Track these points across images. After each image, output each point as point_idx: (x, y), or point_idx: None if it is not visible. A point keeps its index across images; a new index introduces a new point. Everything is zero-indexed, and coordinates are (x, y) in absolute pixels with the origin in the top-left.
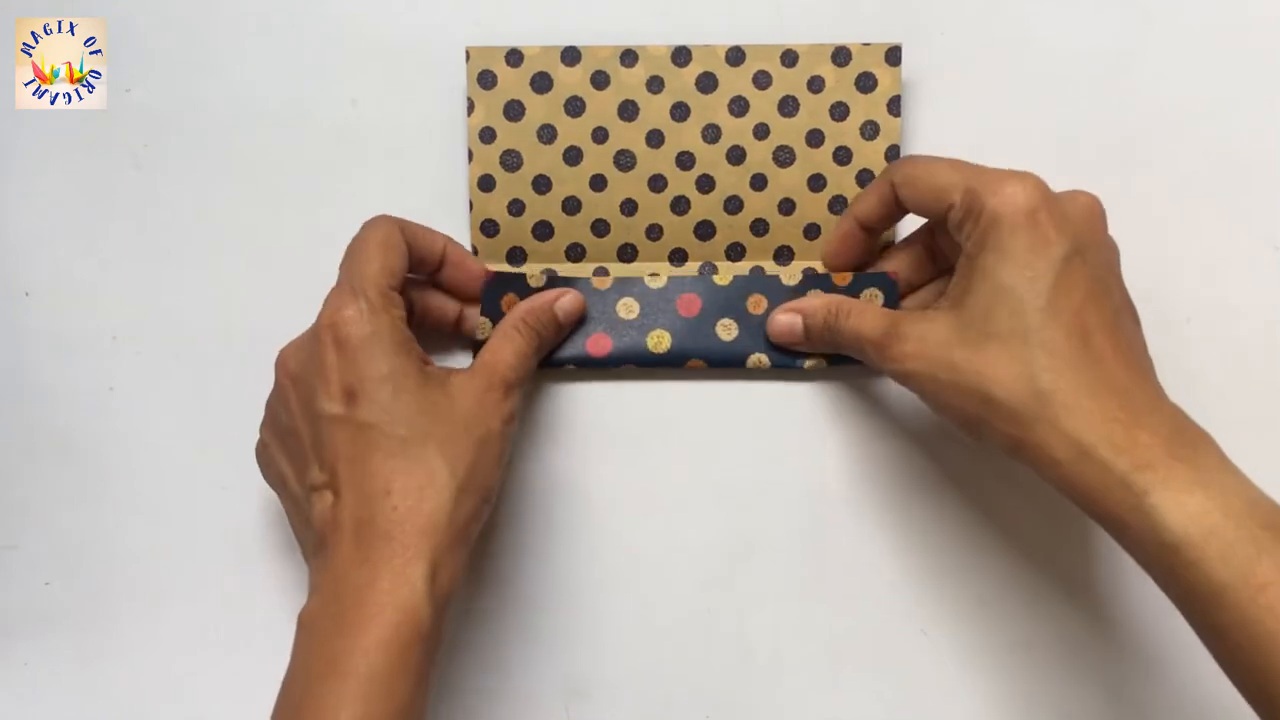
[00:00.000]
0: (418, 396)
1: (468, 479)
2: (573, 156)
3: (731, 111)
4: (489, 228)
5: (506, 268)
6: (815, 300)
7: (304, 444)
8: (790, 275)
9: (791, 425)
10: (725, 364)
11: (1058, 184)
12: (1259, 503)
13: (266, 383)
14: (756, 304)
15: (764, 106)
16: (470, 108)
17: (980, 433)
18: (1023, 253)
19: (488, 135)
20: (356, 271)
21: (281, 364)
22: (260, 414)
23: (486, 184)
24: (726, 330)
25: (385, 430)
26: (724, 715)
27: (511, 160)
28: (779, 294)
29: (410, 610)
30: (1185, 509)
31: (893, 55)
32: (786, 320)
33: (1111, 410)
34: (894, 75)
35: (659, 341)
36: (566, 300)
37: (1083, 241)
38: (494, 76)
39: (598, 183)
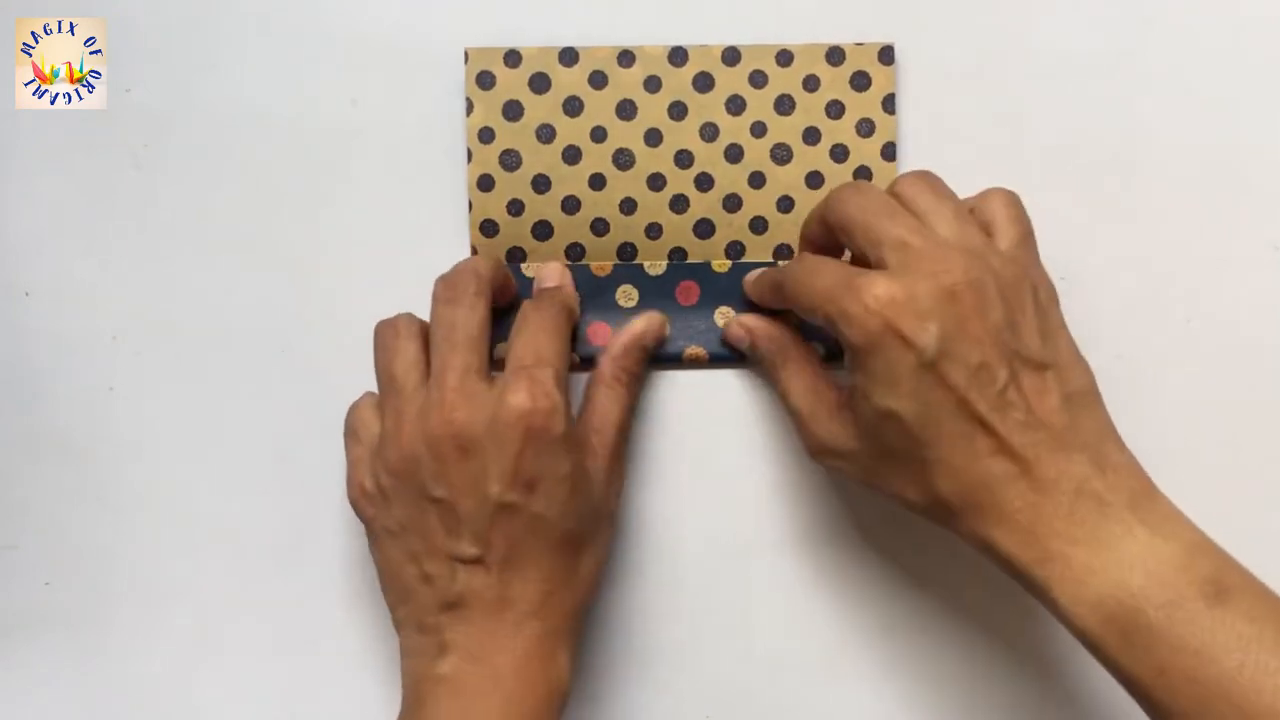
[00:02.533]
0: (582, 494)
1: (597, 569)
2: (572, 156)
3: (729, 110)
4: (489, 228)
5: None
6: (764, 329)
7: (459, 518)
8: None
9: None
10: (724, 354)
11: (1057, 183)
12: (1158, 573)
13: (267, 382)
14: None
15: (761, 105)
16: (469, 108)
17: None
18: (886, 374)
19: (487, 135)
20: (549, 356)
21: (446, 432)
22: (262, 413)
23: (486, 184)
24: (724, 318)
25: (554, 523)
26: (724, 715)
27: (510, 160)
28: None
29: (559, 687)
30: (1084, 601)
31: (886, 55)
32: (737, 334)
33: (1009, 502)
34: (888, 74)
35: None
36: (653, 331)
37: (947, 336)
38: (493, 77)
39: (597, 182)
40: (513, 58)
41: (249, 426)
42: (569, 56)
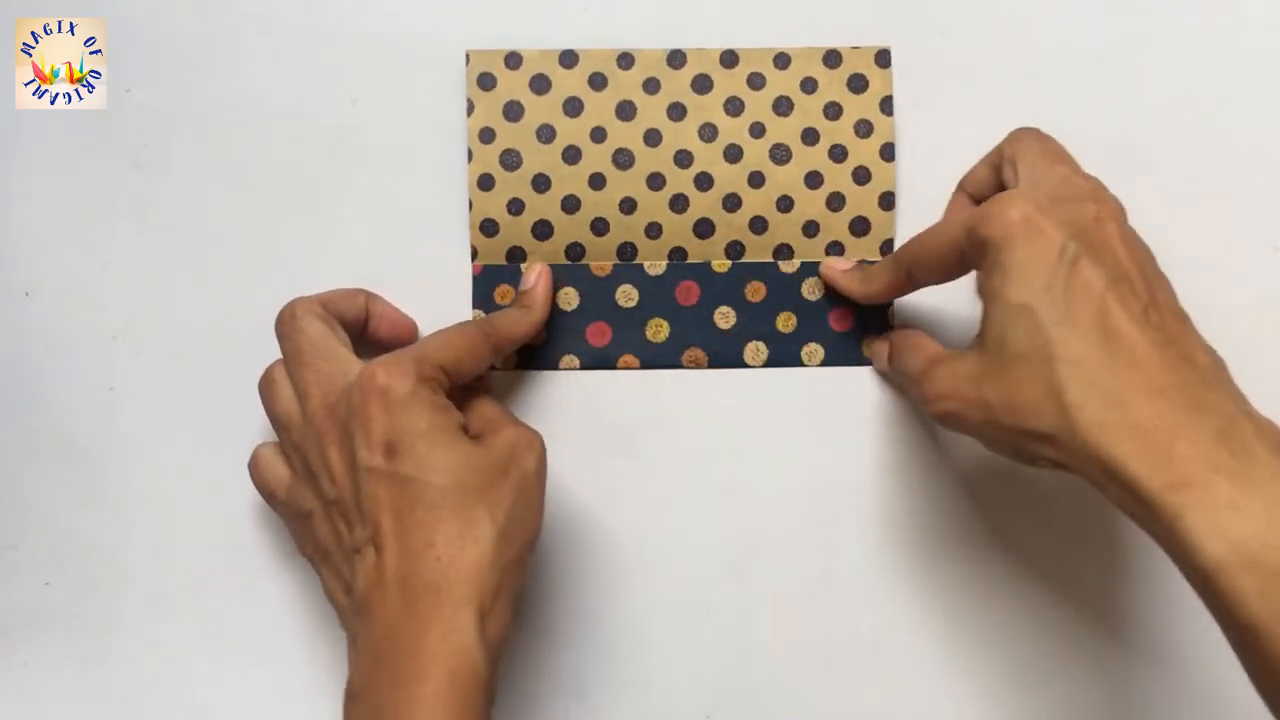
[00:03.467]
0: (453, 449)
1: (508, 525)
2: (572, 156)
3: (727, 111)
4: (489, 227)
5: (506, 266)
6: (881, 342)
7: (347, 506)
8: (789, 265)
9: (792, 423)
10: (724, 354)
11: None
12: None
13: None
14: (755, 291)
15: (759, 106)
16: (470, 108)
17: (1029, 461)
18: (1025, 266)
19: (487, 135)
20: (426, 350)
21: (322, 428)
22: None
23: (486, 183)
24: (724, 319)
25: (424, 483)
26: (724, 715)
27: (511, 160)
28: (777, 281)
29: (466, 657)
30: (1221, 535)
31: (882, 58)
32: (880, 350)
33: (1145, 418)
34: (885, 76)
35: (658, 330)
36: (541, 290)
37: (1089, 241)
38: (493, 78)
39: (597, 181)
40: (513, 60)
41: (249, 426)
42: (569, 59)
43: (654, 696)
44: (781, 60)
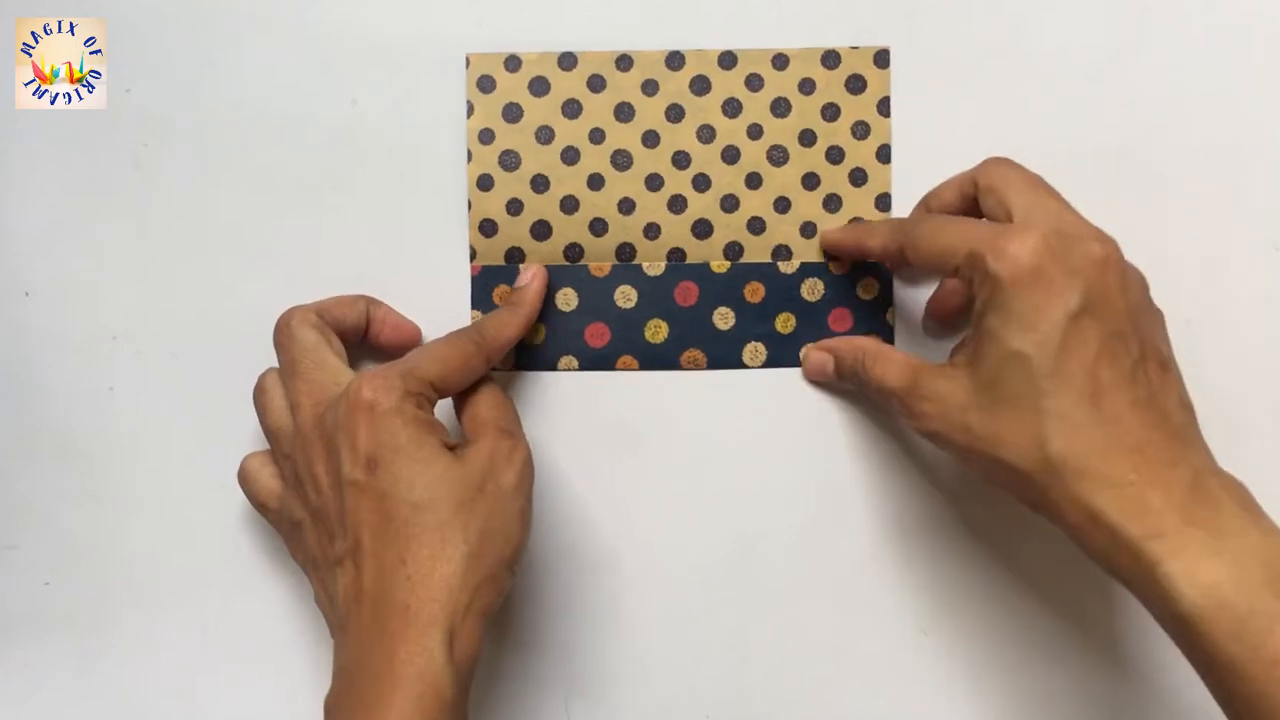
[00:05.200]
0: (431, 465)
1: (480, 542)
2: (570, 156)
3: (725, 113)
4: (488, 227)
5: (504, 267)
6: (845, 343)
7: (329, 516)
8: (788, 265)
9: (792, 423)
10: (722, 355)
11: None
12: (1277, 568)
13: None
14: (754, 292)
15: (756, 108)
16: (470, 110)
17: (1000, 486)
18: (1028, 315)
19: (486, 136)
20: (413, 364)
21: (310, 438)
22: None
23: (485, 183)
24: (723, 319)
25: (400, 498)
26: (724, 715)
27: (510, 160)
28: (776, 282)
29: (431, 679)
30: (1197, 581)
31: (881, 58)
32: (819, 359)
33: (1123, 473)
34: (883, 77)
35: (656, 331)
36: (534, 288)
37: (1093, 296)
38: (493, 81)
39: (595, 182)
40: (513, 63)
41: (249, 426)
42: (568, 61)
43: (654, 696)
44: (780, 61)
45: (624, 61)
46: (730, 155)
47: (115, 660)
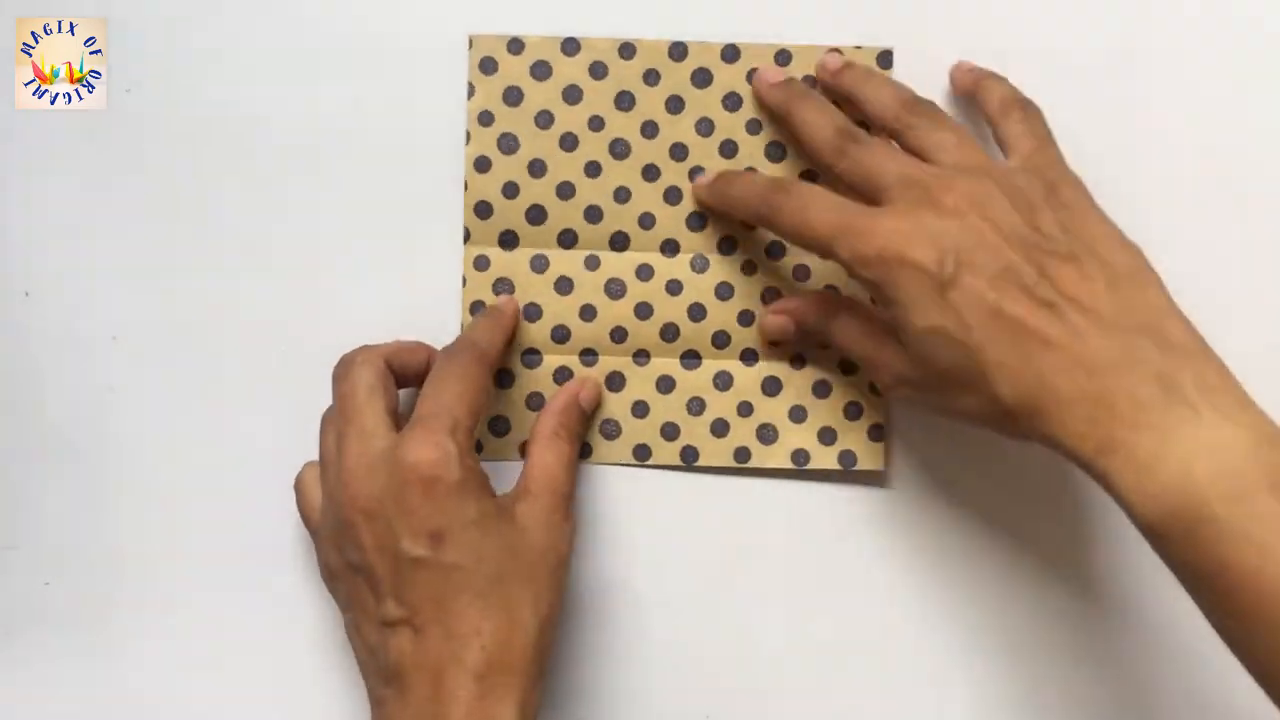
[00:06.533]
0: (499, 537)
1: (548, 612)
2: (569, 143)
3: (725, 107)
4: (483, 209)
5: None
6: (804, 300)
7: (379, 580)
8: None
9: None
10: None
11: None
12: (1226, 463)
13: (267, 382)
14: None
15: (758, 103)
16: (470, 91)
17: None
18: (911, 301)
19: (486, 119)
20: (450, 404)
21: (350, 500)
22: (262, 413)
23: (482, 165)
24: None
25: (472, 571)
26: (724, 715)
27: (508, 143)
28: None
29: None
30: (1144, 493)
31: (884, 59)
32: (776, 321)
33: (1067, 392)
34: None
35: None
36: (588, 393)
37: (960, 247)
38: (495, 63)
39: (592, 169)
40: (515, 45)
41: (249, 426)
42: (571, 46)
43: (655, 697)
44: (783, 57)
45: (627, 50)
46: (728, 150)
47: (115, 660)
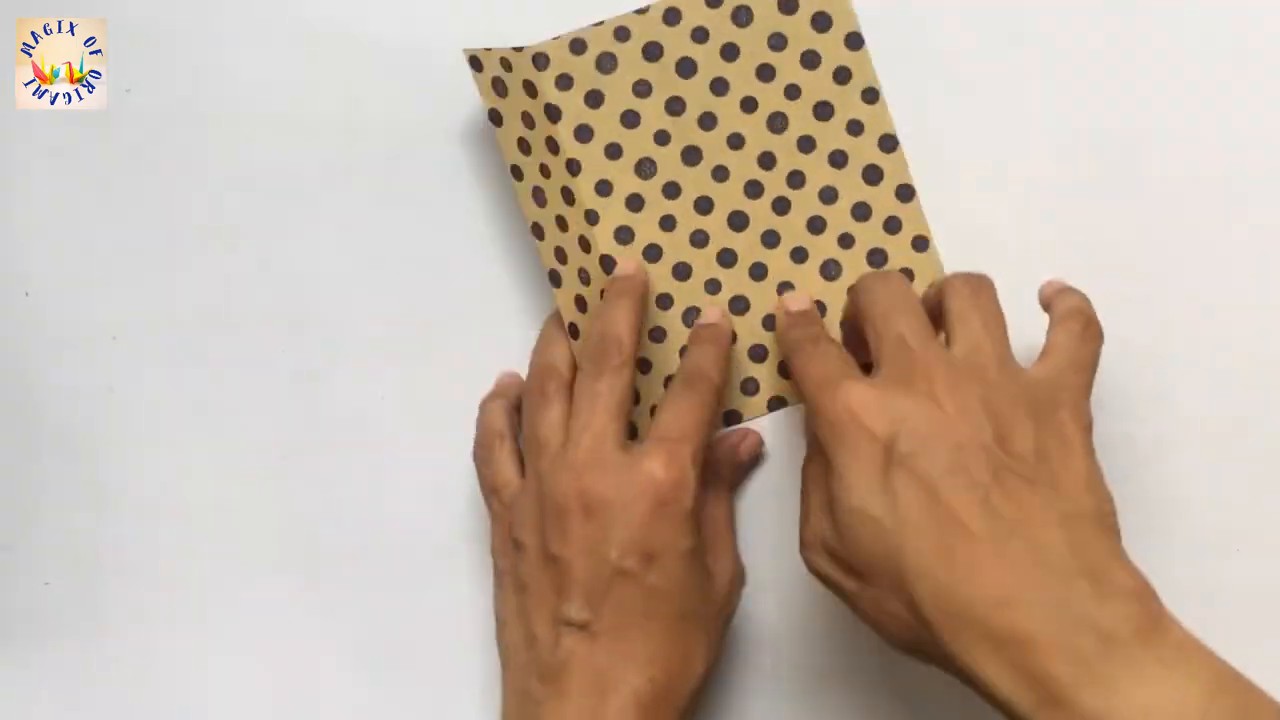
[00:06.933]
0: (699, 577)
1: (713, 661)
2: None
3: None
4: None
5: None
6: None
7: (573, 579)
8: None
9: (793, 421)
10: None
11: (1057, 185)
12: None
13: (267, 382)
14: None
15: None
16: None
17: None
18: (853, 471)
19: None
20: (691, 433)
21: (575, 490)
22: (262, 413)
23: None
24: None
25: (669, 600)
26: (724, 715)
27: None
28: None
29: None
30: None
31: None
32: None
33: (1001, 630)
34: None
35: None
36: (750, 444)
37: (920, 433)
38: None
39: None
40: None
41: (249, 426)
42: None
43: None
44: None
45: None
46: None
47: (115, 661)
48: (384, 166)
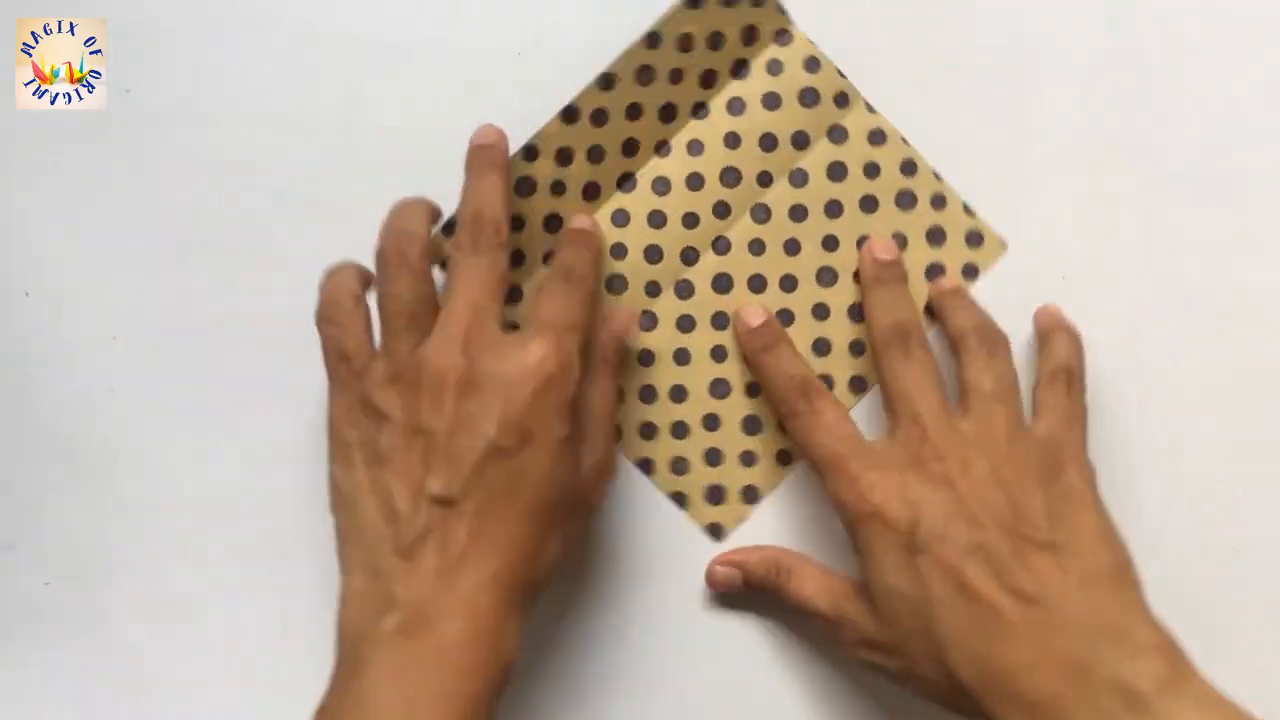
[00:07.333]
0: (570, 466)
1: (573, 550)
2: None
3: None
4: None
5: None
6: (754, 554)
7: (442, 451)
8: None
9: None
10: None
11: (1057, 186)
12: None
13: (267, 382)
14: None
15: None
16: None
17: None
18: (878, 556)
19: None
20: (578, 325)
21: (451, 362)
22: (262, 413)
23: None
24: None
25: (536, 486)
26: (723, 715)
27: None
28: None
29: (506, 665)
30: None
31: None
32: (724, 573)
33: (1031, 692)
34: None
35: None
36: (628, 320)
37: (936, 516)
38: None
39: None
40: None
41: (249, 427)
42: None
43: (654, 696)
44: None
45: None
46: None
47: (115, 661)
48: (384, 166)
